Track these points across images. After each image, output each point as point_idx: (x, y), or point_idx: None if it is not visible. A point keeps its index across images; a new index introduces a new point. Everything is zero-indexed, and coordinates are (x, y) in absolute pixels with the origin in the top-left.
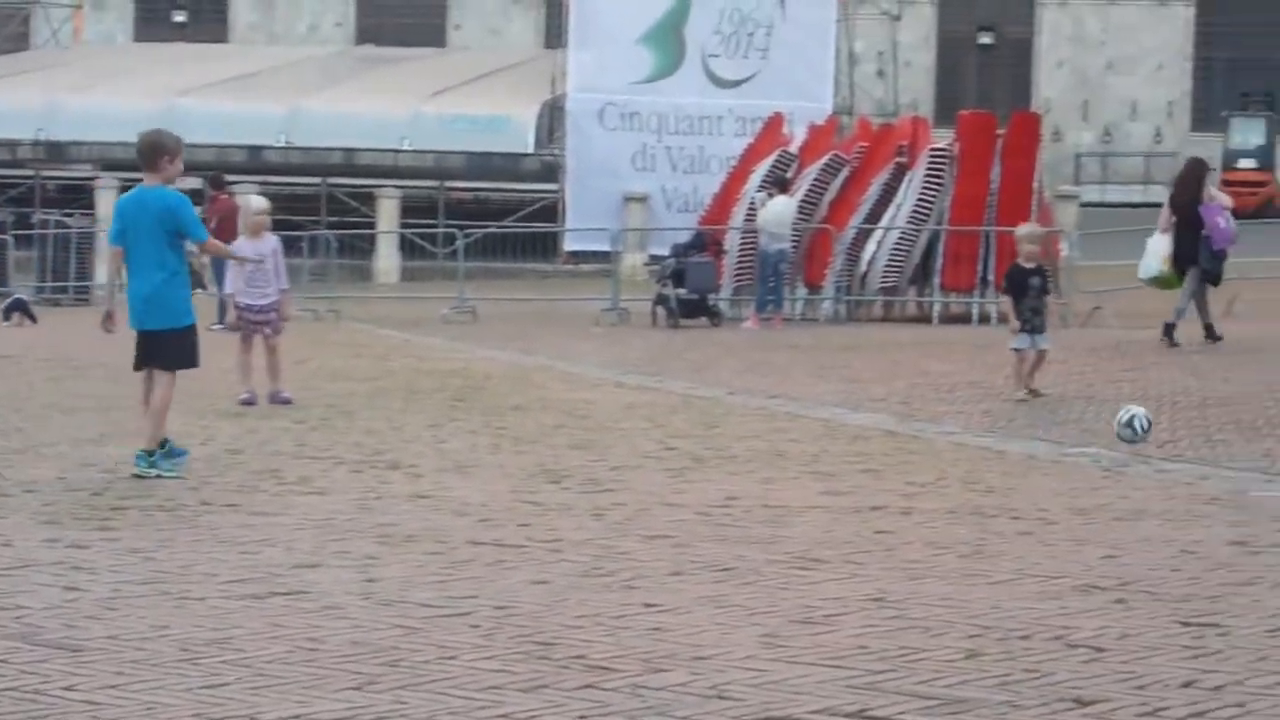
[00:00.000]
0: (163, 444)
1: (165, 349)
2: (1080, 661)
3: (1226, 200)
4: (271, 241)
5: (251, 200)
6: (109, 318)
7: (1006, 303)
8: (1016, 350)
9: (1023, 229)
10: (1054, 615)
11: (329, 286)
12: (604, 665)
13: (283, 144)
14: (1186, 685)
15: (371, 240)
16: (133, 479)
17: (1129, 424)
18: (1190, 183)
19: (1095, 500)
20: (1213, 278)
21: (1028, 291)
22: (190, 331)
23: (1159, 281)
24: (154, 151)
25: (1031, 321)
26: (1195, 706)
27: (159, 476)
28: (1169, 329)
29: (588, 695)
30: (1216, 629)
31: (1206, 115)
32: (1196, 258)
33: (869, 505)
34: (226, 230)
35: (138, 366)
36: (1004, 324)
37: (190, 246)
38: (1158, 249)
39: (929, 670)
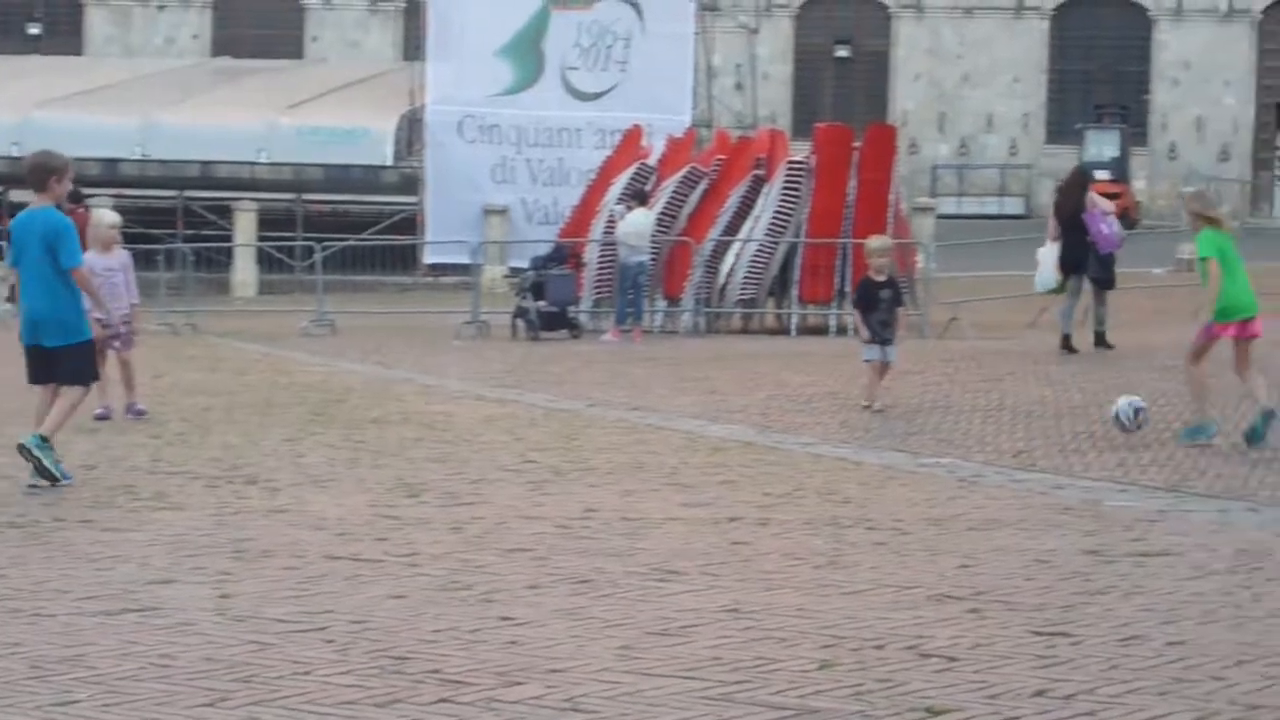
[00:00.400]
0: (47, 439)
1: (64, 364)
2: (933, 671)
3: (1108, 206)
4: (122, 256)
5: (104, 215)
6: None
7: (857, 315)
8: (868, 361)
9: (873, 241)
10: (908, 625)
11: (186, 300)
12: (459, 679)
13: (139, 157)
14: (1038, 694)
15: (229, 253)
16: None
17: (1126, 416)
18: (1073, 191)
19: (950, 510)
20: (1105, 283)
21: (878, 304)
22: (87, 346)
23: (1058, 291)
24: (42, 172)
25: (881, 334)
26: (1047, 715)
27: (39, 461)
28: (1066, 340)
29: (442, 710)
30: (1069, 638)
31: (1061, 127)
32: (1085, 265)
33: (727, 516)
34: (82, 244)
35: (33, 381)
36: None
37: None
38: (1050, 259)
39: (783, 681)
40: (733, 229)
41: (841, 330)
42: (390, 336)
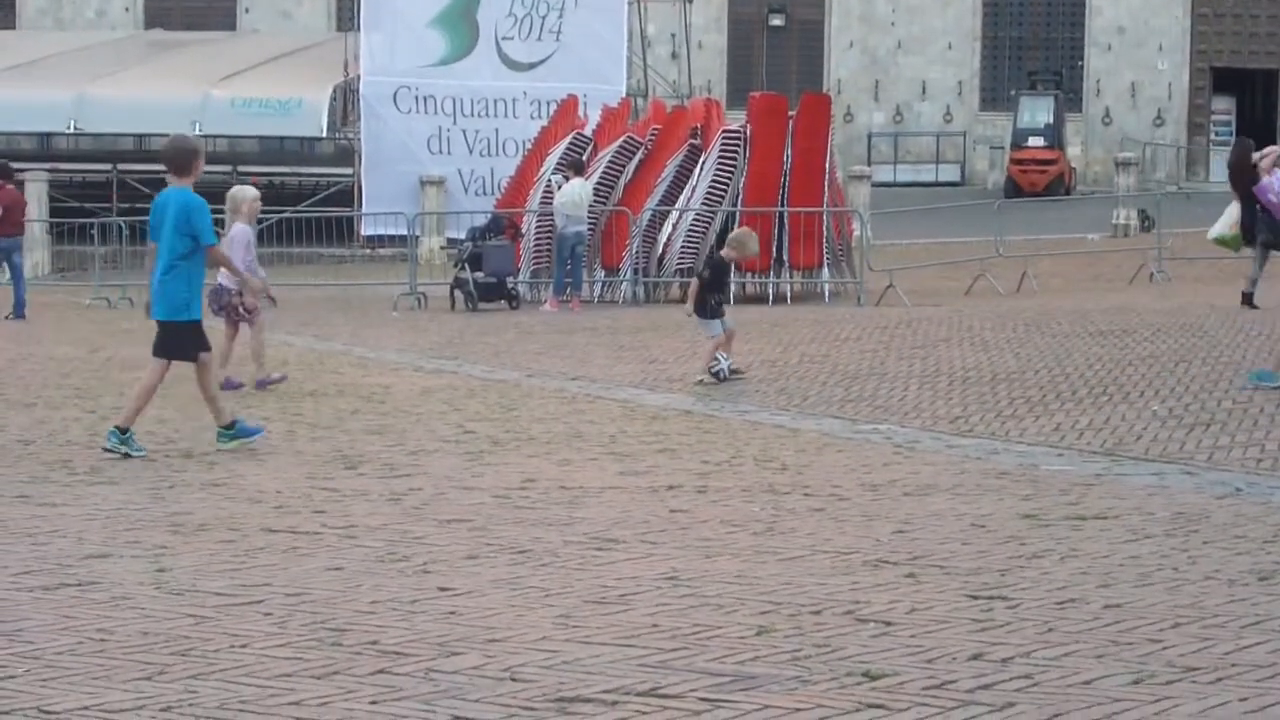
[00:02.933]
0: (231, 425)
1: (161, 338)
2: (870, 636)
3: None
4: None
5: (248, 190)
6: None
7: (695, 288)
8: (715, 336)
9: (739, 233)
10: (845, 590)
11: (121, 274)
12: (397, 650)
13: (72, 131)
14: (974, 658)
15: None
16: None
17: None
18: (1239, 171)
19: (887, 476)
20: (1272, 245)
21: (724, 285)
22: (189, 326)
23: (1220, 241)
24: (187, 155)
25: (719, 309)
26: (982, 679)
27: (126, 455)
28: (1247, 296)
29: (380, 680)
30: (1005, 601)
31: (995, 95)
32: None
33: (665, 485)
34: (11, 221)
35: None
36: (799, 303)
37: None
38: (1230, 215)
39: (720, 647)
40: (670, 198)
41: (780, 299)
42: (327, 309)
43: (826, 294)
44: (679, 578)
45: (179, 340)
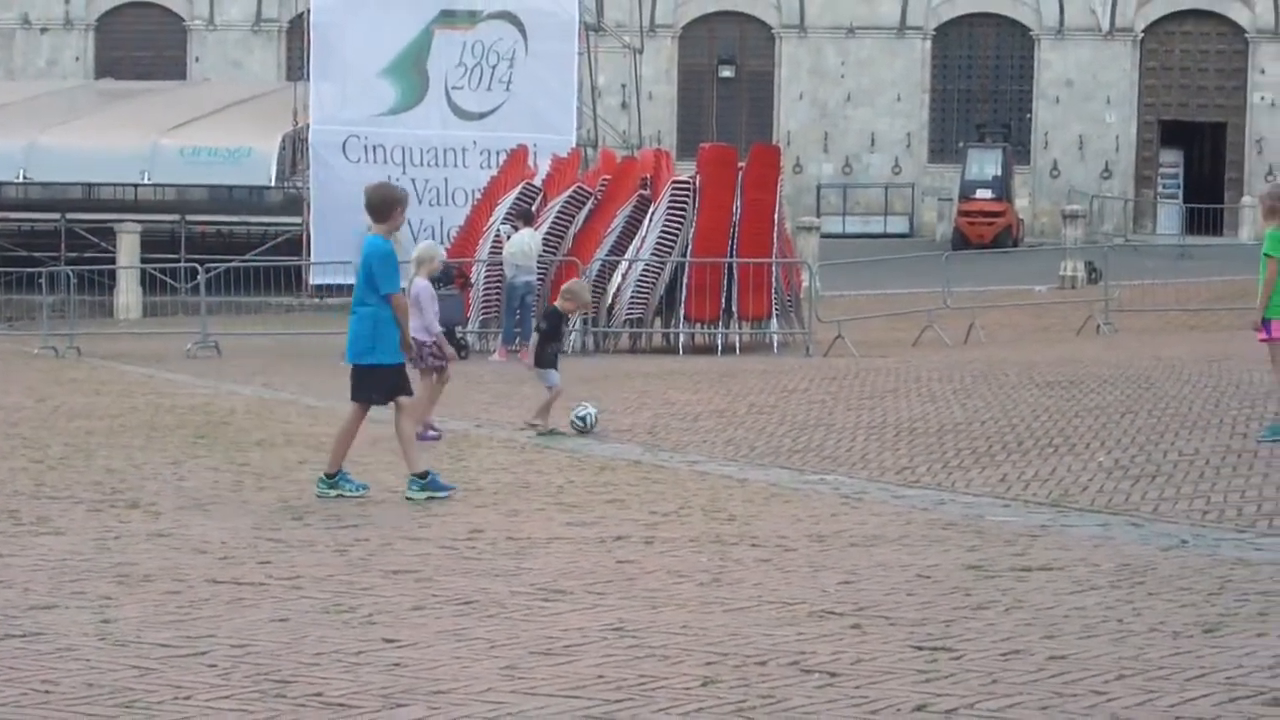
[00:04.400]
0: (424, 475)
1: (356, 381)
2: (815, 687)
3: None
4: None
5: (436, 248)
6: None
7: (536, 342)
8: (552, 386)
9: (574, 284)
10: (790, 641)
11: (69, 323)
12: (342, 702)
13: (21, 179)
14: (919, 709)
15: (112, 275)
16: None
17: (581, 418)
18: None
19: (834, 526)
20: None
21: (561, 336)
22: (382, 371)
23: None
24: (391, 203)
25: (555, 359)
26: None
27: (339, 496)
28: None
29: None
30: (949, 653)
31: (944, 146)
32: None
33: (613, 535)
34: None
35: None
36: (747, 354)
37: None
38: None
39: (666, 698)
40: (619, 249)
41: (729, 349)
42: (275, 358)
43: (775, 344)
44: (625, 629)
45: (367, 383)
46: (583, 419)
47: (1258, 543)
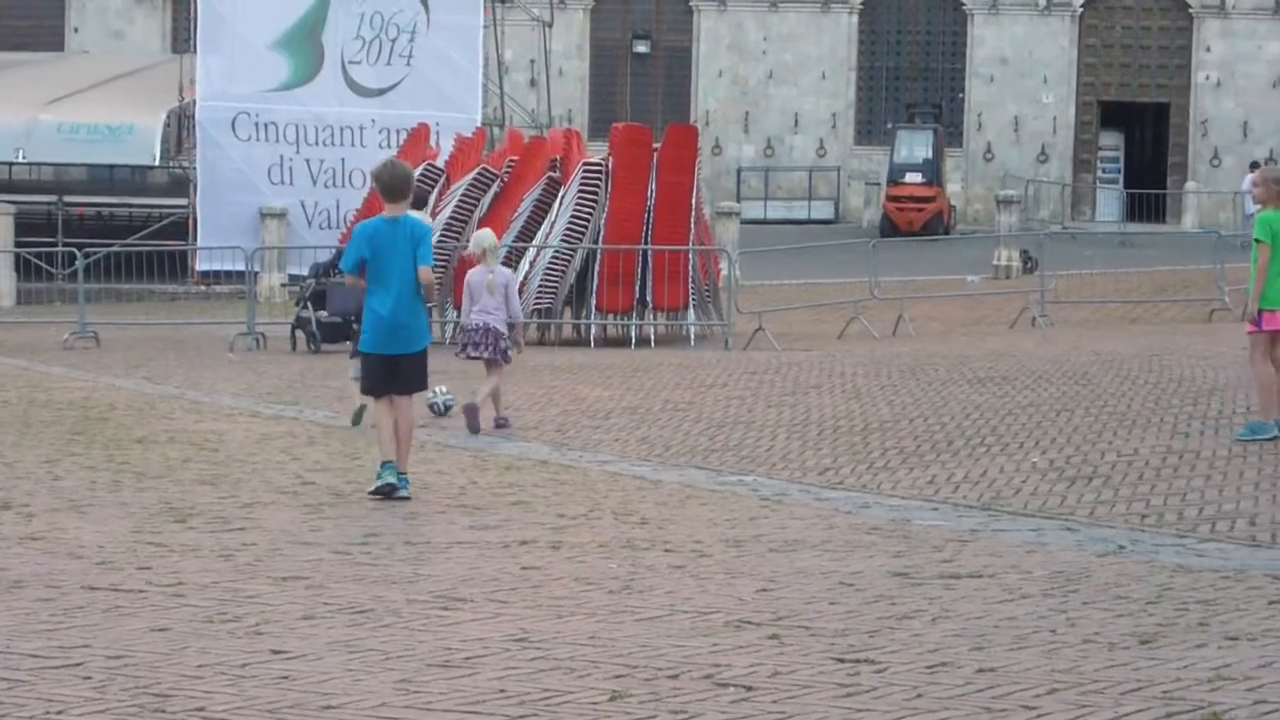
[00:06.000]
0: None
1: (411, 372)
2: (730, 701)
3: None
4: (504, 273)
5: (489, 235)
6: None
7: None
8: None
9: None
10: (704, 653)
11: None
12: (225, 718)
13: None
14: None
15: None
16: None
17: (437, 402)
18: None
19: (752, 531)
20: None
21: None
22: (426, 355)
23: None
24: (408, 181)
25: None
26: None
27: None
28: None
29: None
30: (873, 665)
31: (871, 128)
32: None
33: (517, 540)
34: None
35: (376, 391)
36: (663, 346)
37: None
38: None
39: (571, 714)
40: (527, 235)
41: (643, 342)
42: (159, 349)
43: (692, 337)
44: (529, 639)
45: (423, 371)
46: (443, 404)
47: (1199, 548)
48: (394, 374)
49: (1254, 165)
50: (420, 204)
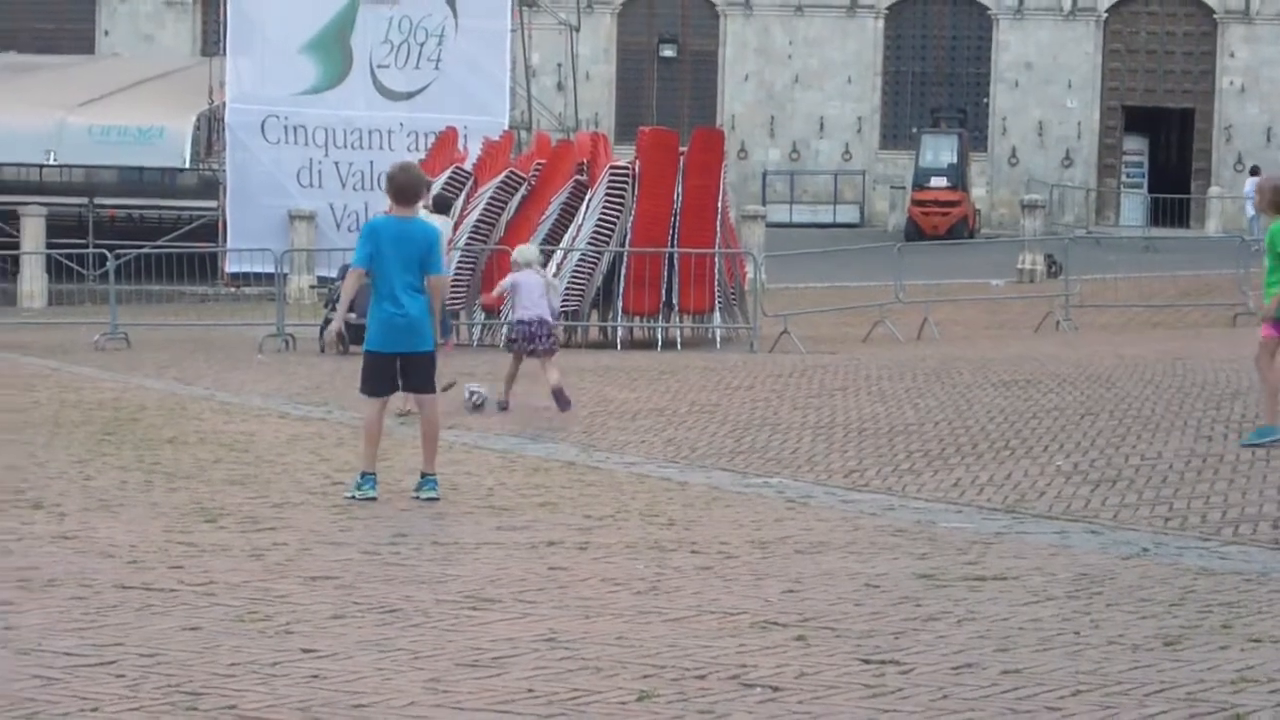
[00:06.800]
0: (365, 475)
1: (421, 371)
2: (756, 702)
3: None
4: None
5: (532, 250)
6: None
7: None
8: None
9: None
10: (731, 653)
11: None
12: (256, 716)
13: None
14: None
15: (15, 262)
16: None
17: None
18: None
19: (778, 532)
20: None
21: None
22: (434, 355)
23: None
24: (420, 185)
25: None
26: None
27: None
28: None
29: None
30: (898, 666)
31: (897, 132)
32: None
33: (545, 541)
34: None
35: (378, 392)
36: (689, 349)
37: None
38: None
39: (599, 713)
40: (554, 237)
41: (669, 344)
42: (189, 350)
43: (718, 339)
44: (557, 639)
45: (431, 371)
46: (479, 400)
47: (1222, 551)
48: (396, 374)
49: (1254, 170)
50: (446, 208)
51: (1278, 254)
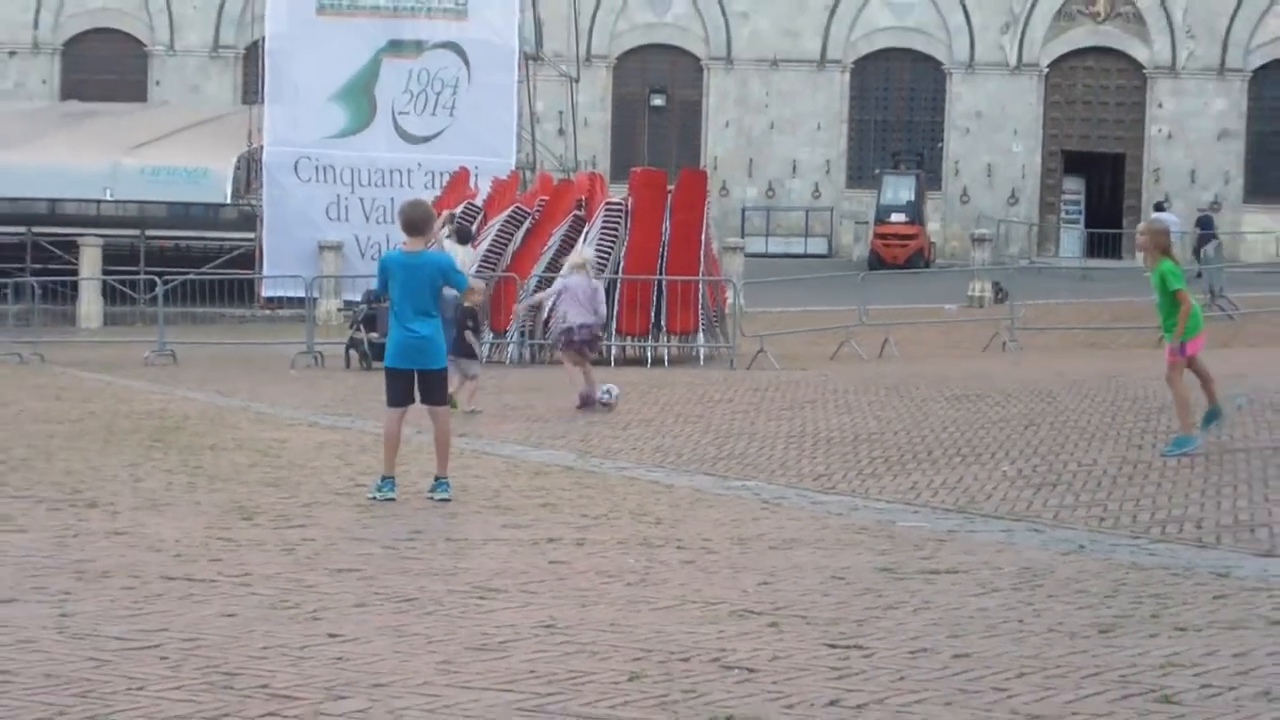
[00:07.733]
0: (385, 478)
1: (437, 386)
2: (734, 682)
3: None
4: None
5: (589, 251)
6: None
7: (470, 334)
8: (474, 376)
9: (472, 282)
10: (712, 639)
11: (33, 331)
12: (286, 694)
13: None
14: (832, 704)
15: (75, 287)
16: None
17: (606, 391)
18: None
19: (754, 530)
20: None
21: (479, 327)
22: (446, 372)
23: None
24: (430, 220)
25: (474, 351)
26: None
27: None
28: None
29: None
30: (861, 650)
31: (861, 173)
32: None
33: (545, 537)
34: None
35: (398, 402)
36: (675, 366)
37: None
38: None
39: (594, 692)
40: (555, 266)
41: (659, 361)
42: (228, 366)
43: (701, 357)
44: (556, 626)
45: (444, 385)
46: (608, 392)
47: (1151, 548)
48: (414, 388)
49: (1158, 206)
50: (466, 238)
51: (1169, 294)
